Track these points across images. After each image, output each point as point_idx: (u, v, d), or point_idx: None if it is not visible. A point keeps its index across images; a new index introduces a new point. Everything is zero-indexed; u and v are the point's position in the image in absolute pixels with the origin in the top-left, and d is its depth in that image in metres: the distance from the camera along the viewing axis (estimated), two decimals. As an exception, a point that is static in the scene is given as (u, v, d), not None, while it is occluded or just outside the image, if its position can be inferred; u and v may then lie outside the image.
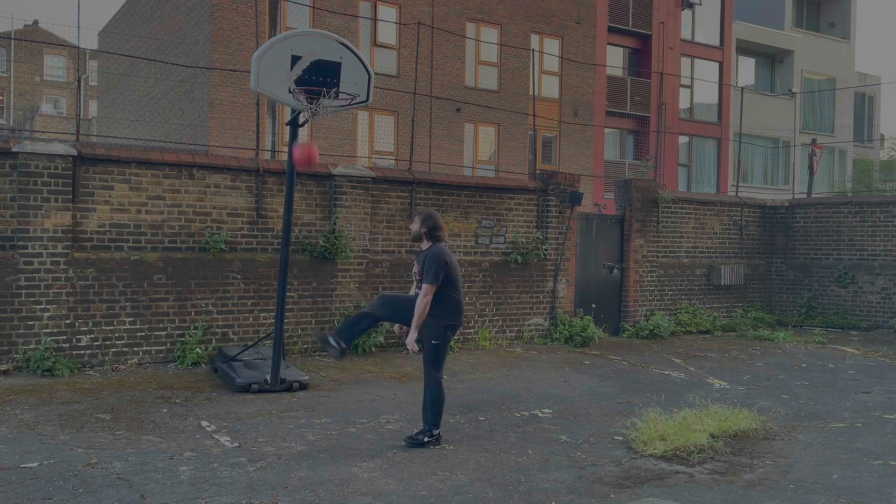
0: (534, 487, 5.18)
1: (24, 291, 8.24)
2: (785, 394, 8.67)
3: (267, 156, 15.81)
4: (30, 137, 25.32)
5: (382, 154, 20.85)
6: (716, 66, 29.96)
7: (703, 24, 29.68)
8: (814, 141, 22.80)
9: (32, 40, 41.97)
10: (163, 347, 9.03)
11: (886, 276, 14.27)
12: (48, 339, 8.31)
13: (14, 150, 8.20)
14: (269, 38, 13.40)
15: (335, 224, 10.04)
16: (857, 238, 14.71)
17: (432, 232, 6.18)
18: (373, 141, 20.93)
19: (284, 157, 14.97)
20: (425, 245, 6.22)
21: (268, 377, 7.78)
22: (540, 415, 7.34)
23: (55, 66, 48.91)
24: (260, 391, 7.70)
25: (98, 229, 8.70)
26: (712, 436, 6.38)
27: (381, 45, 21.13)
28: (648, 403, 7.62)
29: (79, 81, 12.61)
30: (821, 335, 13.38)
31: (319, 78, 7.49)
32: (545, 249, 11.93)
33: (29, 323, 8.29)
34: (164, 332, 9.02)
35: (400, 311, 6.22)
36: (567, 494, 5.07)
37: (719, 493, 5.17)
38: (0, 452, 5.49)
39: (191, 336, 9.07)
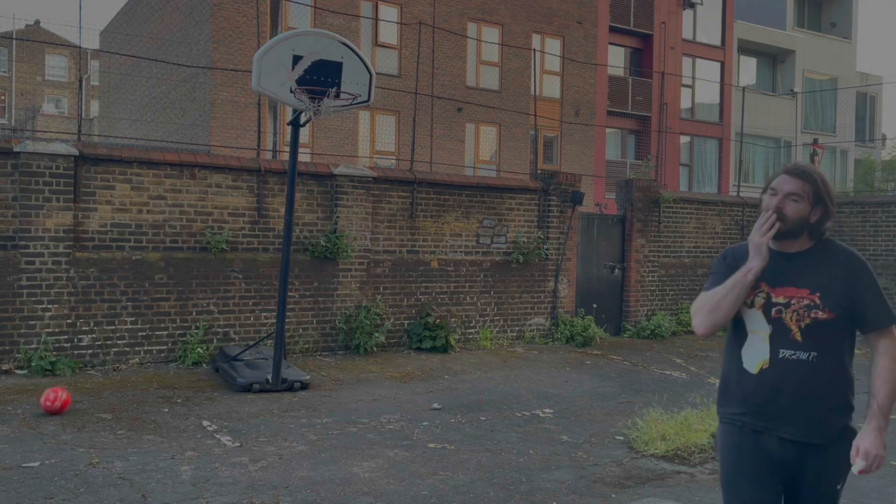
0: (535, 487, 5.18)
1: (25, 291, 8.25)
2: (786, 394, 8.65)
3: (268, 156, 15.81)
4: (31, 137, 25.35)
5: (384, 154, 20.85)
6: (717, 65, 29.94)
7: (704, 24, 29.66)
8: (815, 141, 22.81)
9: (34, 40, 42.01)
10: (164, 347, 9.03)
11: (888, 276, 14.24)
12: (49, 338, 8.31)
13: (16, 149, 8.21)
14: (271, 37, 13.41)
15: (336, 224, 10.05)
16: (858, 238, 14.69)
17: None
18: (374, 141, 20.93)
19: (286, 156, 14.98)
20: (805, 244, 2.90)
21: (269, 377, 7.79)
22: (541, 415, 7.34)
23: (56, 66, 48.98)
24: (261, 391, 7.70)
25: (99, 229, 8.71)
26: (713, 436, 6.37)
27: (382, 45, 21.13)
28: (650, 403, 7.61)
29: (80, 81, 12.61)
30: (822, 335, 13.36)
31: (321, 78, 7.49)
32: (546, 249, 11.93)
33: (30, 322, 8.29)
34: (165, 332, 9.03)
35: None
36: (568, 494, 5.07)
37: (720, 493, 5.16)
38: (2, 452, 5.50)
39: (192, 336, 9.08)
